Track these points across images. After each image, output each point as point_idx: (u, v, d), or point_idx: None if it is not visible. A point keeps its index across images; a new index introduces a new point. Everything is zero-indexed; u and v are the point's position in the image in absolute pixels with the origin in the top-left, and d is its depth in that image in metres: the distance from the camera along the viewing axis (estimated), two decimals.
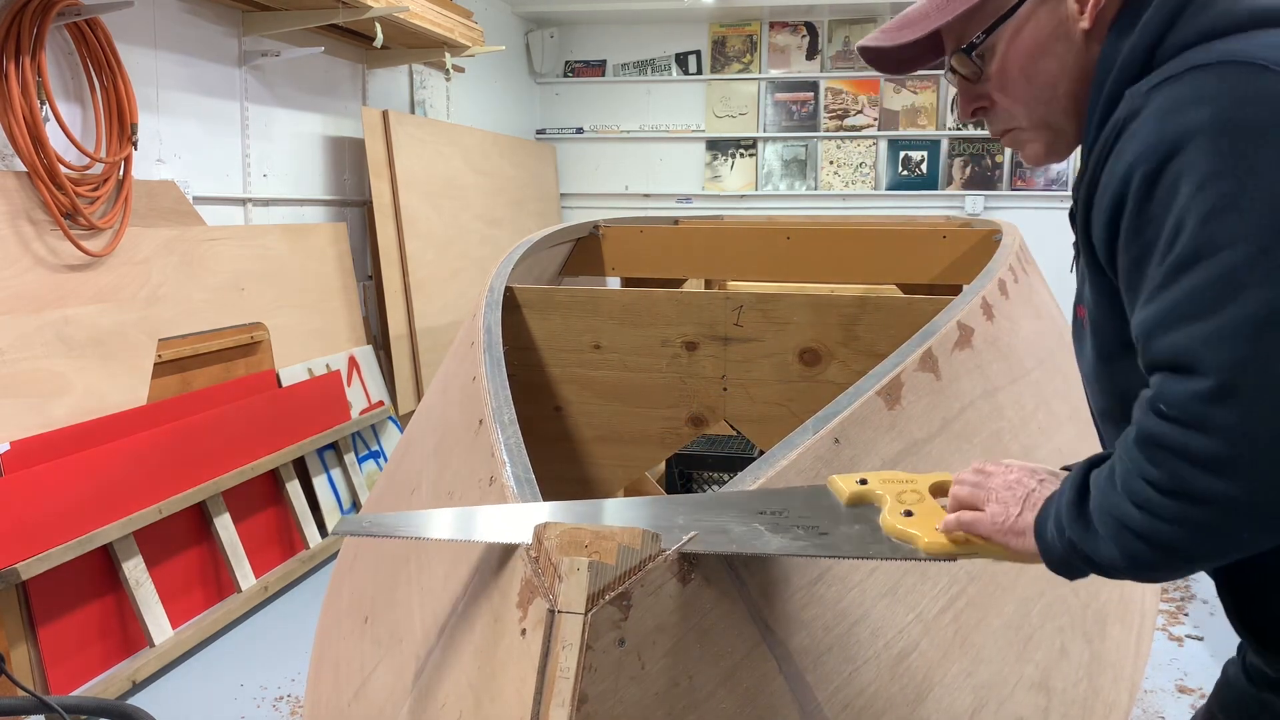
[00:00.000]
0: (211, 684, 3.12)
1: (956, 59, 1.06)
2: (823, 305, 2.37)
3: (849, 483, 1.10)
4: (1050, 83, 1.03)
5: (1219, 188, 0.80)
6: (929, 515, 1.04)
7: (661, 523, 1.01)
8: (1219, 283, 0.79)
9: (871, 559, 1.04)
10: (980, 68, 1.05)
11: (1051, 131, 1.07)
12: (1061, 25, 1.01)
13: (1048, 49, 1.02)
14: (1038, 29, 1.01)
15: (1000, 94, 1.06)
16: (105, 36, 3.36)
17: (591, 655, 0.87)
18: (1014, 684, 1.40)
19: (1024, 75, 1.03)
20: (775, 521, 1.04)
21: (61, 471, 2.95)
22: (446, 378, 1.99)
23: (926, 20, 1.04)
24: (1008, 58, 1.03)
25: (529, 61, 7.61)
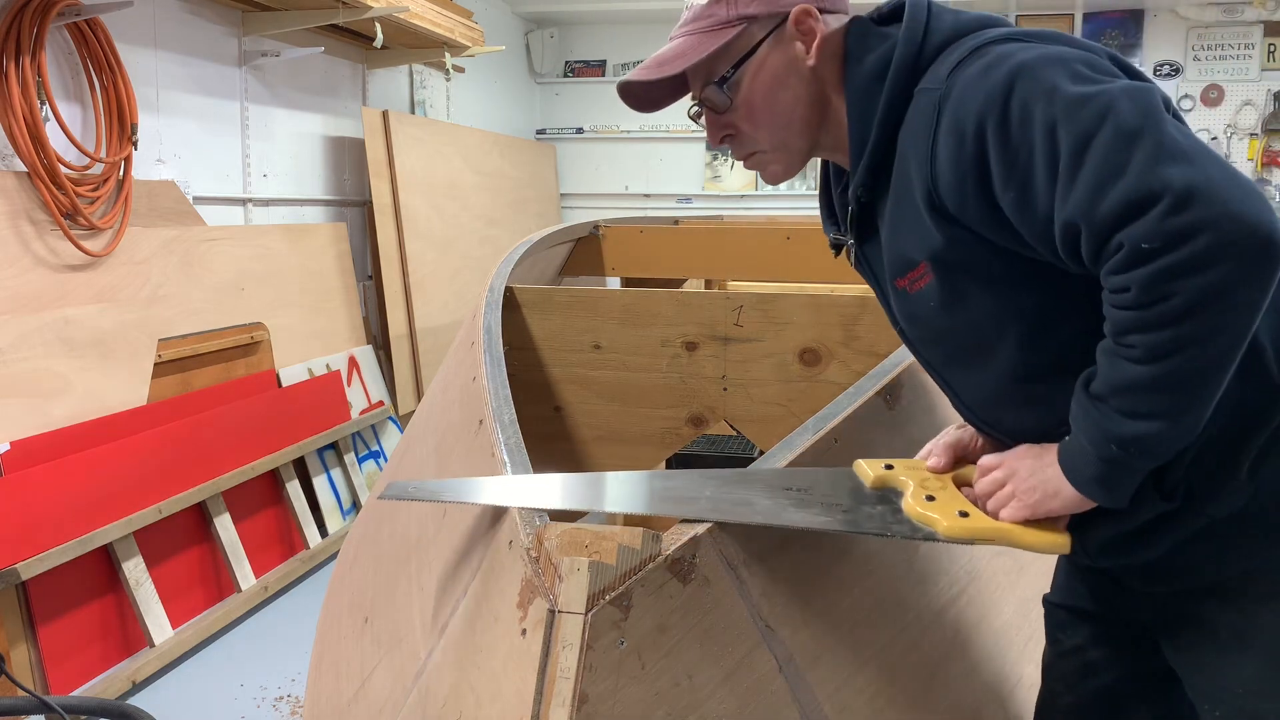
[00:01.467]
0: (211, 684, 3.12)
1: (708, 92, 1.24)
2: (823, 305, 2.37)
3: (875, 466, 1.15)
4: (788, 108, 1.22)
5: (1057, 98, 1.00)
6: (950, 502, 1.09)
7: (690, 494, 1.05)
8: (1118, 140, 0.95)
9: (891, 537, 1.09)
10: (730, 99, 1.22)
11: (788, 152, 1.26)
12: (792, 62, 1.21)
13: (783, 81, 1.21)
14: (774, 65, 1.21)
15: (745, 122, 1.24)
16: (105, 36, 3.36)
17: (592, 655, 0.87)
18: (1014, 684, 1.41)
19: (766, 104, 1.22)
20: (800, 498, 1.08)
21: (61, 471, 2.95)
22: (446, 378, 1.99)
23: (682, 58, 1.21)
24: (752, 90, 1.22)
25: (529, 61, 7.61)
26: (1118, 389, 0.99)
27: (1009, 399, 1.16)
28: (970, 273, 1.11)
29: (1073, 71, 1.02)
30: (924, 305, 1.16)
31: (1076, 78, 1.01)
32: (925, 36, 1.16)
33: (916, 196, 1.11)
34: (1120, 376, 0.99)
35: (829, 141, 1.25)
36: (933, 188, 1.08)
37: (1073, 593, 1.37)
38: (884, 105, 1.15)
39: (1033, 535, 1.07)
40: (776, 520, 1.03)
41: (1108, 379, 1.00)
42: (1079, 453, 1.04)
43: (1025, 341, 1.11)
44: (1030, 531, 1.07)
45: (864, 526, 1.07)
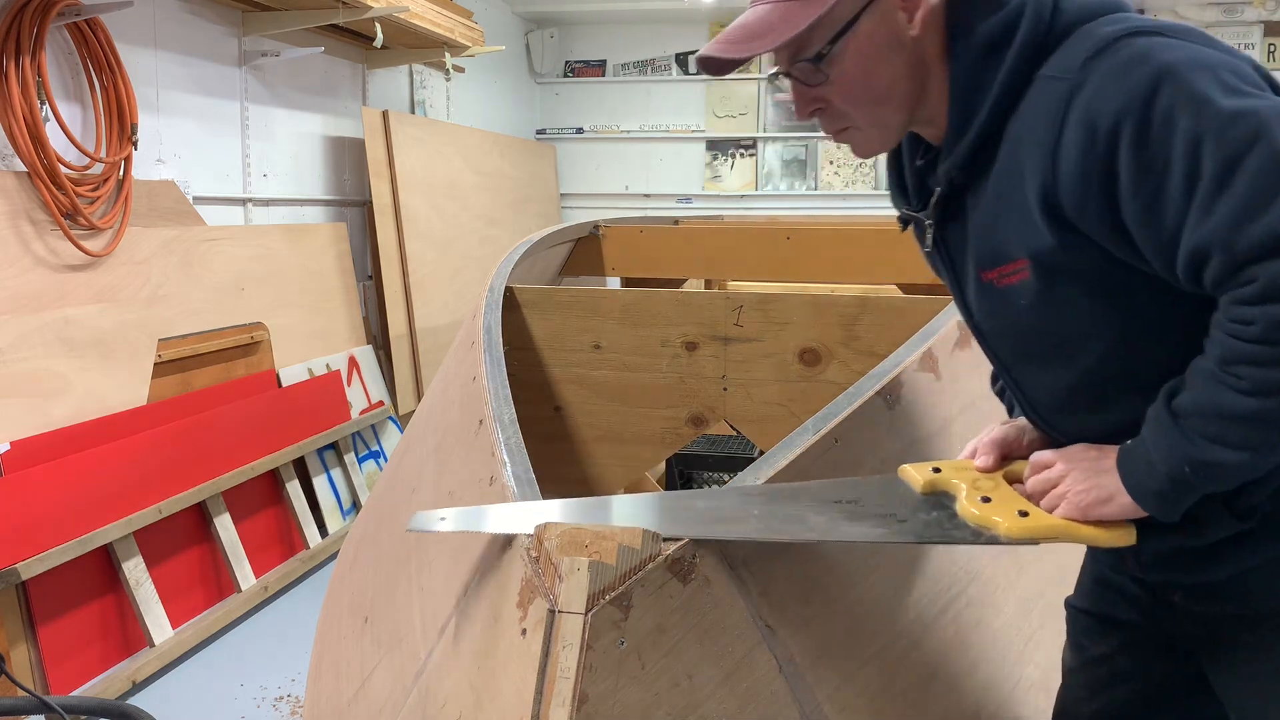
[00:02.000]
0: (211, 684, 3.12)
1: (800, 68, 1.15)
2: (823, 305, 2.37)
3: (922, 470, 1.12)
4: (887, 84, 1.14)
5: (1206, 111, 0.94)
6: (1007, 501, 1.06)
7: (737, 514, 1.02)
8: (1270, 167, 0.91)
9: (954, 544, 1.07)
10: (825, 75, 1.14)
11: (884, 128, 1.19)
12: (894, 34, 1.13)
13: (884, 55, 1.13)
14: (875, 38, 1.12)
15: (840, 96, 1.16)
16: (105, 36, 3.36)
17: (591, 655, 0.87)
18: (1014, 684, 1.41)
19: (864, 80, 1.14)
20: (852, 510, 1.05)
21: (61, 471, 2.95)
22: (446, 378, 1.99)
23: (774, 33, 1.12)
24: (850, 65, 1.13)
25: (529, 61, 7.61)
26: (1210, 414, 0.96)
27: (1080, 403, 1.13)
28: (1073, 278, 1.05)
29: (1222, 81, 0.96)
30: (1012, 301, 1.11)
31: (1227, 89, 0.95)
32: (1054, 15, 1.08)
33: (1027, 190, 1.04)
34: (1217, 403, 0.96)
35: (923, 115, 1.17)
36: (1051, 185, 1.02)
37: (1102, 599, 1.33)
38: (1001, 85, 1.08)
39: (1097, 530, 1.04)
40: (833, 536, 1.00)
41: (1200, 402, 0.97)
42: (1145, 465, 1.01)
43: (1113, 351, 1.07)
44: (1094, 526, 1.04)
45: (924, 535, 1.04)
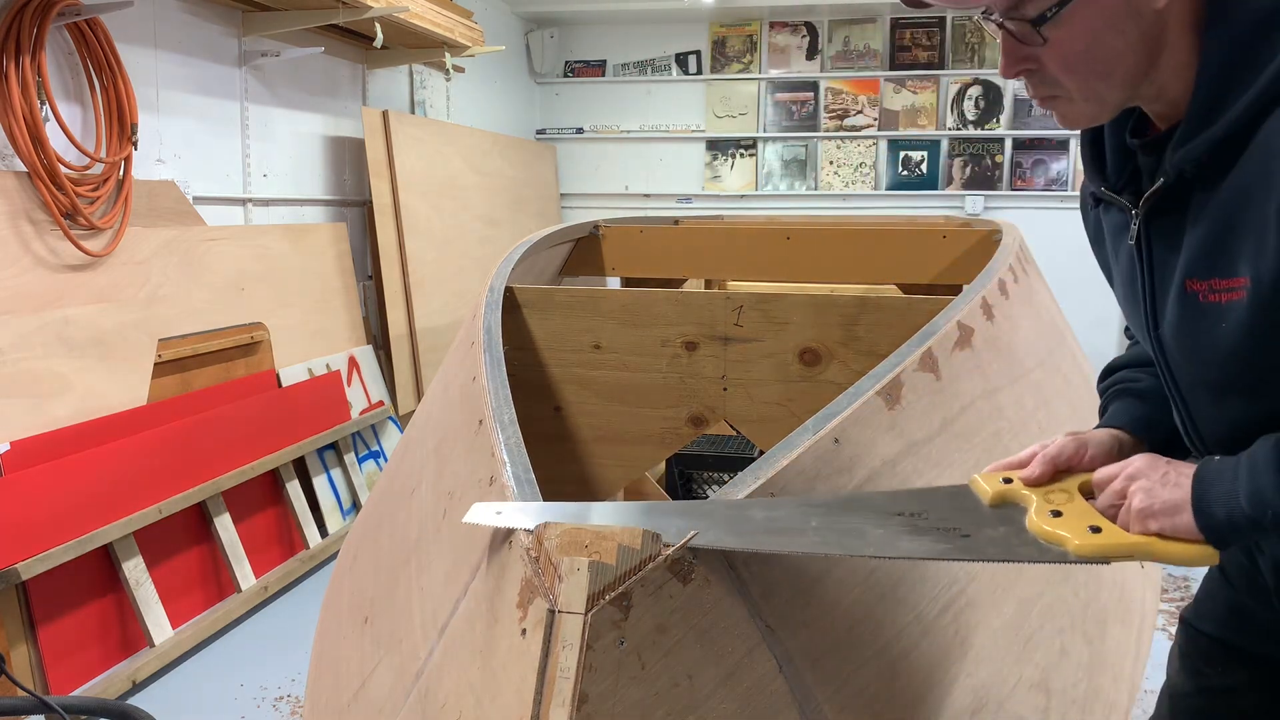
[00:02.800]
0: (211, 684, 3.12)
1: (1019, 25, 1.01)
2: (823, 305, 2.37)
3: (993, 482, 1.06)
4: (1113, 57, 1.01)
5: None
6: (1079, 516, 1.00)
7: (795, 525, 0.98)
8: None
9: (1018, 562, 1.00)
10: (1044, 38, 1.01)
11: (1100, 103, 1.05)
12: (1135, 3, 0.99)
13: (1117, 25, 1.00)
14: (1110, 6, 0.99)
15: (1056, 62, 1.03)
16: (105, 36, 3.36)
17: (592, 655, 0.87)
18: (1014, 684, 1.40)
19: (1088, 49, 1.01)
20: (913, 524, 1.00)
21: (61, 471, 2.95)
22: (446, 378, 1.99)
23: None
24: (1076, 30, 1.00)
25: (529, 61, 7.61)
26: None
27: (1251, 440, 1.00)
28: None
29: None
30: (1214, 321, 0.99)
31: None
32: None
33: (1270, 201, 0.91)
34: None
35: (1150, 90, 1.04)
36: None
37: (1237, 629, 1.25)
38: (1272, 76, 0.93)
39: (1177, 548, 0.96)
40: (891, 552, 0.96)
41: None
42: (1226, 493, 0.94)
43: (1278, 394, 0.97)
44: (1172, 544, 0.97)
45: (987, 553, 0.98)
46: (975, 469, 1.54)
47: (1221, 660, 1.26)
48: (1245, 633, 1.24)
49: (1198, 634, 1.30)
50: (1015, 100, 7.02)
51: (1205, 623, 1.30)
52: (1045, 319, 2.46)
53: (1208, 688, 1.28)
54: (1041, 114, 6.94)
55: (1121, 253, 1.14)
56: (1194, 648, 1.31)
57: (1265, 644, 1.21)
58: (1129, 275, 1.13)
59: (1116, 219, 1.13)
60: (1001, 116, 7.05)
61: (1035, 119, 6.99)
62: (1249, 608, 1.22)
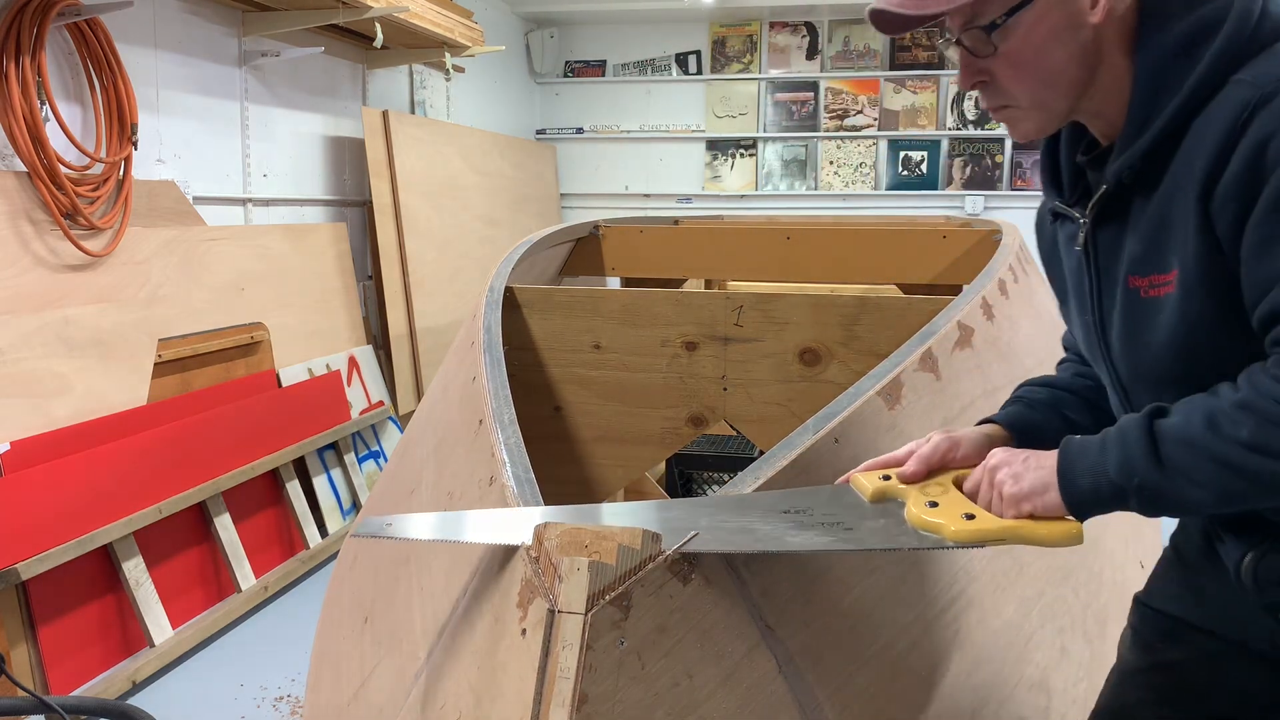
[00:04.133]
0: (211, 684, 3.12)
1: (972, 36, 1.12)
2: (823, 305, 2.37)
3: (872, 479, 1.12)
4: (1058, 68, 1.10)
5: None
6: (953, 505, 1.07)
7: (686, 525, 1.01)
8: None
9: (898, 549, 1.07)
10: (995, 47, 1.11)
11: (1047, 112, 1.14)
12: (1074, 16, 1.09)
13: (1059, 37, 1.09)
14: (1053, 18, 1.09)
15: (1006, 72, 1.12)
16: (105, 36, 3.36)
17: (592, 655, 0.87)
18: (1014, 684, 1.40)
19: (1034, 59, 1.10)
20: (800, 520, 1.06)
21: (61, 471, 2.95)
22: (446, 378, 1.99)
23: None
24: (1022, 42, 1.10)
25: (529, 61, 7.61)
26: (1191, 445, 0.96)
27: None
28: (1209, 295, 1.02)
29: None
30: (1152, 315, 1.08)
31: None
32: (1260, 19, 1.04)
33: (1191, 195, 1.01)
34: (1204, 438, 0.95)
35: (1090, 107, 1.14)
36: (1210, 190, 1.00)
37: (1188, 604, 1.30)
38: (1191, 88, 1.04)
39: (1043, 529, 1.03)
40: (779, 546, 1.01)
41: (1192, 434, 0.96)
42: (1092, 465, 1.01)
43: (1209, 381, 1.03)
44: (1040, 525, 1.03)
45: (869, 543, 1.05)
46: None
47: (1173, 635, 1.31)
48: (1198, 609, 1.29)
49: (1151, 612, 1.35)
50: None
51: (1158, 600, 1.35)
52: (1045, 319, 2.46)
53: (1160, 663, 1.32)
54: None
55: (1071, 260, 1.23)
56: (1147, 625, 1.35)
57: (1217, 620, 1.26)
58: (1077, 280, 1.22)
59: (1068, 230, 1.22)
60: None
61: None
62: (1202, 585, 1.28)
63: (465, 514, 1.18)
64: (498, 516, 1.11)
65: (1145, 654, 1.34)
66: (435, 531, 1.15)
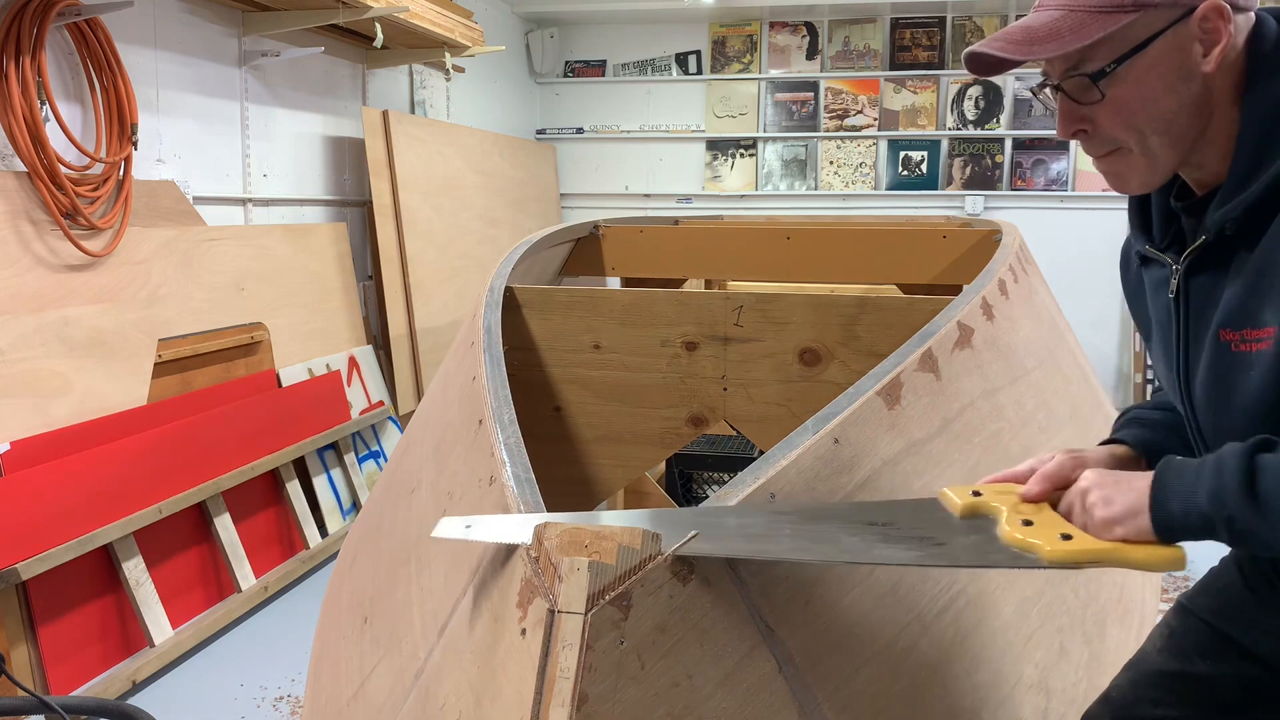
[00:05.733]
0: (211, 684, 3.12)
1: (1074, 83, 1.09)
2: (823, 305, 2.37)
3: (963, 494, 1.09)
4: (1168, 116, 1.08)
5: None
6: (1050, 525, 1.04)
7: (770, 531, 1.01)
8: None
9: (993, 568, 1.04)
10: (1101, 94, 1.08)
11: (1154, 164, 1.11)
12: (1186, 66, 1.06)
13: (1171, 86, 1.07)
14: (1165, 66, 1.06)
15: (1111, 121, 1.09)
16: (105, 36, 3.36)
17: (591, 655, 0.87)
18: (1013, 684, 1.40)
19: (1142, 108, 1.07)
20: (886, 533, 1.03)
21: (61, 471, 2.95)
22: (446, 378, 1.99)
23: (1060, 41, 1.06)
24: (1131, 88, 1.07)
25: (529, 61, 7.61)
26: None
27: None
28: None
29: None
30: (1244, 369, 1.04)
31: None
32: None
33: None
34: None
35: (1196, 159, 1.11)
36: None
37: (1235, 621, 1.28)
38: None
39: (1144, 552, 1.00)
40: (867, 559, 0.98)
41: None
42: (1186, 489, 0.97)
43: None
44: (1141, 549, 1.00)
45: (961, 560, 1.02)
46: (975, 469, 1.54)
47: (1216, 651, 1.28)
48: (1249, 632, 1.26)
49: (1197, 620, 1.32)
50: (1015, 100, 7.01)
51: (1207, 612, 1.32)
52: (1045, 319, 2.46)
53: (1193, 674, 1.30)
54: (1042, 114, 6.94)
55: (1160, 306, 1.20)
56: (1189, 633, 1.32)
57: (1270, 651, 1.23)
58: (1164, 327, 1.19)
59: (1158, 275, 1.20)
60: (1001, 116, 7.05)
61: (1035, 119, 6.99)
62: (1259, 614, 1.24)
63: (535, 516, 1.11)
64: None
65: (1176, 660, 1.32)
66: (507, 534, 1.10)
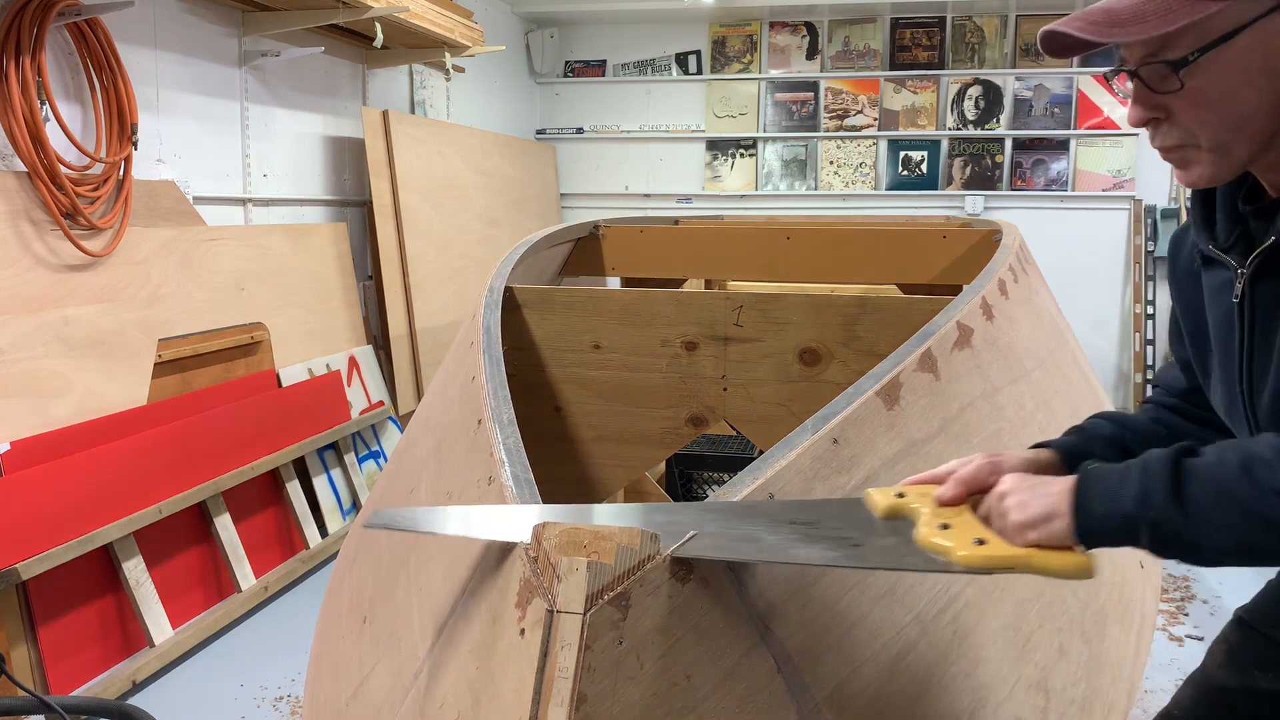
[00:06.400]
0: (211, 684, 3.12)
1: (1153, 69, 1.05)
2: (823, 305, 2.37)
3: (885, 496, 1.09)
4: (1246, 112, 1.04)
5: None
6: (966, 529, 1.03)
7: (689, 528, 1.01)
8: None
9: (905, 570, 1.04)
10: (1181, 84, 1.04)
11: (1227, 159, 1.08)
12: (1271, 61, 1.03)
13: (1253, 80, 1.03)
14: (1250, 58, 1.03)
15: (1187, 112, 1.06)
16: (105, 36, 3.36)
17: (590, 655, 0.87)
18: (1013, 684, 1.40)
19: (1222, 101, 1.04)
20: (807, 532, 1.03)
21: (61, 471, 2.95)
22: (446, 378, 1.99)
23: (1144, 24, 1.03)
24: (1212, 80, 1.04)
25: (529, 61, 7.61)
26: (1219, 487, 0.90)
27: None
28: None
29: None
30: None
31: None
32: None
33: None
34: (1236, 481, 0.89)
35: (1272, 158, 1.08)
36: None
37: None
38: None
39: (1054, 559, 0.99)
40: (782, 558, 0.99)
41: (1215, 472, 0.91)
42: (1109, 491, 0.96)
43: None
44: (1051, 555, 0.99)
45: (873, 561, 1.02)
46: None
47: (1275, 664, 1.27)
48: None
49: (1255, 634, 1.31)
50: (1015, 100, 7.01)
51: (1265, 625, 1.30)
52: (1045, 319, 2.46)
53: (1254, 688, 1.29)
54: (1041, 114, 6.95)
55: (1220, 312, 1.16)
56: (1248, 647, 1.31)
57: None
58: (1225, 333, 1.15)
59: (1220, 278, 1.16)
60: (1001, 116, 7.04)
61: (1035, 119, 6.99)
62: None
63: (470, 509, 1.17)
64: (501, 513, 1.11)
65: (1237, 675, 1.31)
66: (441, 525, 1.14)
